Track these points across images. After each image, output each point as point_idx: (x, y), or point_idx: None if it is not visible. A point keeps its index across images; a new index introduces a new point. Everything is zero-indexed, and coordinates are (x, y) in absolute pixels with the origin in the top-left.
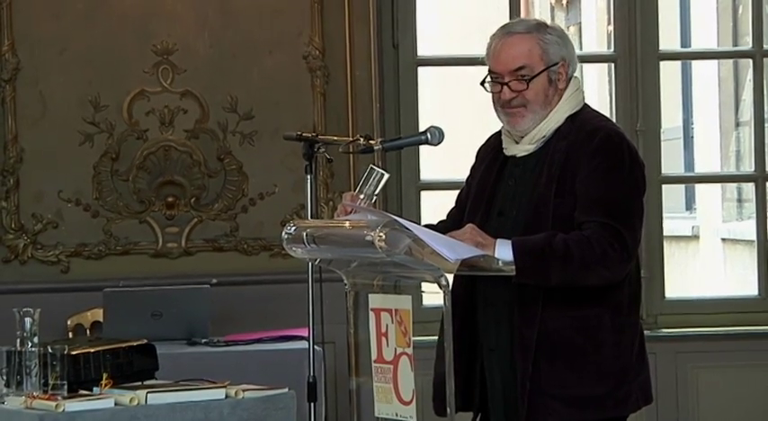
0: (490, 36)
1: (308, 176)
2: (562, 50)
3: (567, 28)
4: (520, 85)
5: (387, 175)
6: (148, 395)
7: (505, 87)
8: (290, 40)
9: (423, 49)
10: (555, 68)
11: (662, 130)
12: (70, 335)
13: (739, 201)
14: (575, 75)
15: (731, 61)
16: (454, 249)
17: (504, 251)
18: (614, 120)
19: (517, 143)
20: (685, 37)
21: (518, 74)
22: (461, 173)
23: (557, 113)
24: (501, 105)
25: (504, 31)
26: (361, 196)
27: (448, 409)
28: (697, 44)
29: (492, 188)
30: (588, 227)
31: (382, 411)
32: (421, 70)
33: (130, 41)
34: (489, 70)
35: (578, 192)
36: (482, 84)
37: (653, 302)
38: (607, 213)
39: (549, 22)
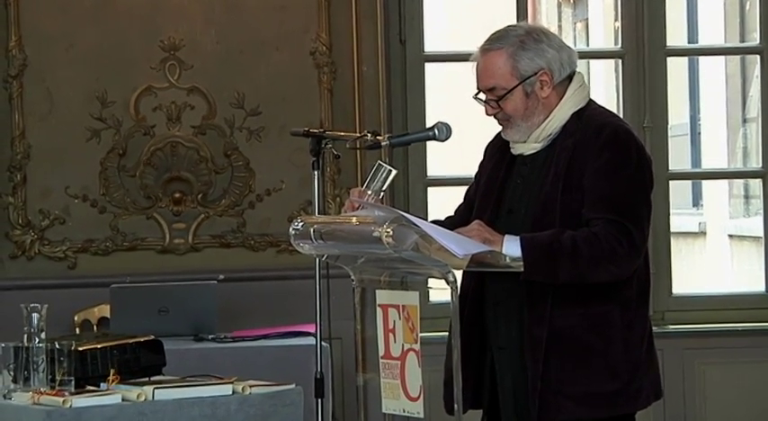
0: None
1: (315, 172)
2: (539, 60)
3: (575, 24)
4: (495, 104)
5: (394, 172)
6: (155, 391)
7: (486, 104)
8: (297, 36)
9: (430, 45)
10: (531, 80)
11: (669, 127)
12: (77, 330)
13: (746, 197)
14: (576, 70)
15: (738, 57)
16: (462, 245)
17: (512, 247)
18: (621, 117)
19: (524, 142)
20: (692, 33)
21: (492, 93)
22: (469, 169)
23: (560, 111)
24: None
25: (482, 48)
26: (369, 192)
27: (456, 406)
28: (704, 40)
29: (500, 186)
30: (596, 223)
31: (389, 407)
32: (428, 66)
33: (137, 37)
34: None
35: (586, 189)
36: (474, 97)
37: (660, 299)
38: (615, 210)
39: (535, 25)
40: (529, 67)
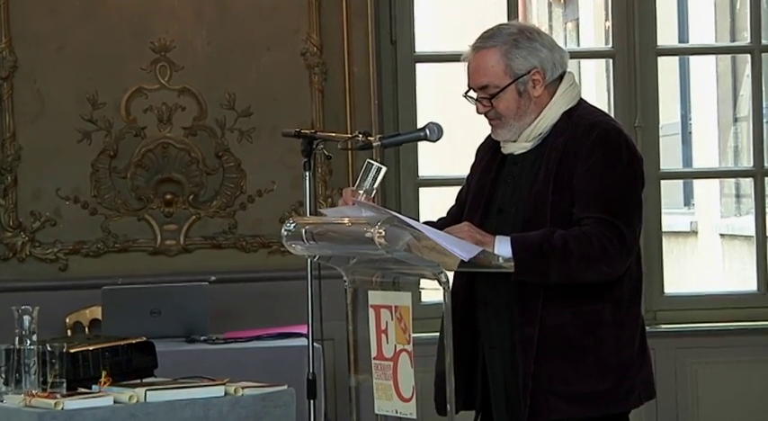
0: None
1: (307, 173)
2: (533, 59)
3: (565, 24)
4: (487, 102)
5: (384, 169)
6: (147, 393)
7: (478, 102)
8: (287, 37)
9: (421, 46)
10: (524, 79)
11: (660, 126)
12: (69, 332)
13: (737, 196)
14: (567, 70)
15: (729, 56)
16: (463, 248)
17: (503, 248)
18: (612, 116)
19: (514, 141)
20: (683, 32)
21: (484, 91)
22: (460, 169)
23: (551, 110)
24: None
25: (474, 46)
26: (361, 192)
27: (448, 407)
28: (695, 39)
29: (491, 186)
30: (587, 222)
31: (382, 408)
32: (419, 66)
33: (128, 38)
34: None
35: (576, 188)
36: (464, 96)
37: (652, 298)
38: (605, 209)
39: (527, 24)
40: (522, 66)
